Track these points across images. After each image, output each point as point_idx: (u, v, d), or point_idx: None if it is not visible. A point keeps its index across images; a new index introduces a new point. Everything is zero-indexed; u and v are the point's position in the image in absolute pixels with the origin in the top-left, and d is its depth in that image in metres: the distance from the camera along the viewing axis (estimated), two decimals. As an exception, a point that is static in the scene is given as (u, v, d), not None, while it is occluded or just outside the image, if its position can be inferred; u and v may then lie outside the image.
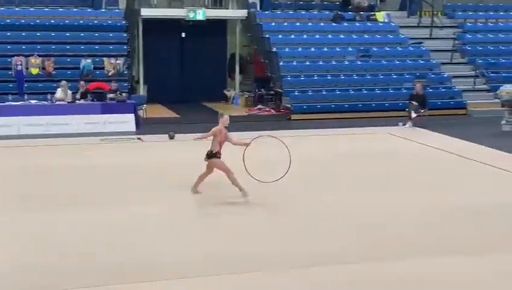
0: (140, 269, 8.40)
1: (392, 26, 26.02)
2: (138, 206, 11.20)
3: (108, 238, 9.63)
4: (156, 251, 9.10)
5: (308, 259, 8.81)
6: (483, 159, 15.23)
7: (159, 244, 9.41)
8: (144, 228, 10.06)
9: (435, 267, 8.49)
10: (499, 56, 25.48)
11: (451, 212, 11.07)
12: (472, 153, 15.94)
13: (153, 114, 21.59)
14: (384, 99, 22.55)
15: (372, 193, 12.26)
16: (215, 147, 11.36)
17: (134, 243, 9.36)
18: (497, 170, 14.23)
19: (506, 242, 9.63)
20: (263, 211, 11.21)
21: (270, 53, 23.77)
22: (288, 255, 8.95)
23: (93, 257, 8.78)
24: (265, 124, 20.51)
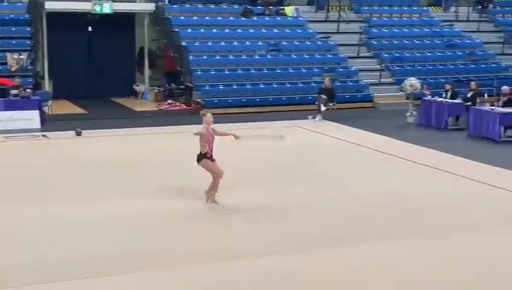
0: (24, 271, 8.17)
1: (300, 21, 26.29)
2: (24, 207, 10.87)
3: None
4: (40, 251, 8.88)
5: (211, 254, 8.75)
6: (389, 150, 15.64)
7: (43, 245, 9.16)
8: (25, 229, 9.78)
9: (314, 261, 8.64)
10: (403, 50, 26.17)
11: (350, 202, 11.31)
12: (378, 144, 16.35)
13: (59, 110, 20.98)
14: (294, 93, 22.77)
15: (271, 185, 12.34)
16: (203, 148, 10.96)
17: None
18: (401, 160, 14.63)
19: (398, 231, 9.88)
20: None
21: (180, 47, 23.56)
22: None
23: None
24: (175, 119, 20.38)
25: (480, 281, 8.09)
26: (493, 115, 17.15)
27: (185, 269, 8.30)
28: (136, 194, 11.67)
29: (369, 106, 23.00)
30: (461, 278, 8.13)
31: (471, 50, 26.82)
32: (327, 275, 8.16)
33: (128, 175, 13.20)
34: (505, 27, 28.70)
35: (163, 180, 12.77)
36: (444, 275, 8.21)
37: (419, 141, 16.67)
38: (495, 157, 14.75)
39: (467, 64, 26.00)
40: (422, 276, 8.15)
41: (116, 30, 25.02)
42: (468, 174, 13.25)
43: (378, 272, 8.30)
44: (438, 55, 26.23)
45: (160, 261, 8.59)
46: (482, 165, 14.20)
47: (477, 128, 17.60)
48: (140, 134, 17.80)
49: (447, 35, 27.42)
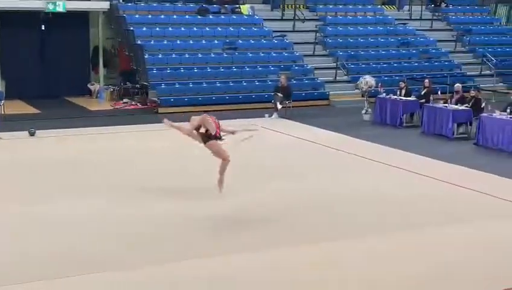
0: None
1: (256, 19, 26.33)
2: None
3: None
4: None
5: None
6: (344, 147, 15.77)
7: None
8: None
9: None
10: (358, 48, 26.43)
11: (306, 200, 11.34)
12: (334, 141, 16.48)
13: (11, 110, 20.62)
14: (251, 92, 22.80)
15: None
16: (212, 130, 10.56)
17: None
18: (356, 157, 14.77)
19: (351, 230, 9.99)
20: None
21: (135, 46, 23.37)
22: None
23: None
24: (131, 118, 20.25)
25: (431, 274, 8.23)
26: (446, 112, 17.42)
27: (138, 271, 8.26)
28: (88, 194, 11.55)
29: (324, 104, 23.16)
30: (412, 272, 8.27)
31: (425, 48, 27.22)
32: (279, 274, 8.19)
33: (82, 175, 13.04)
34: (457, 25, 29.20)
35: (118, 179, 12.67)
36: (396, 270, 8.34)
37: (374, 138, 16.85)
38: (448, 154, 15.00)
39: (421, 62, 26.38)
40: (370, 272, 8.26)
41: (70, 29, 24.68)
42: (421, 170, 13.44)
43: (326, 271, 8.38)
44: (392, 53, 26.56)
45: (113, 263, 8.52)
46: (434, 161, 14.43)
47: (430, 125, 17.86)
48: (95, 134, 17.61)
49: (401, 34, 27.78)
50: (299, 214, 10.63)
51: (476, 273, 8.30)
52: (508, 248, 9.23)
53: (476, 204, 11.35)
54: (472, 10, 31.05)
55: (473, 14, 30.81)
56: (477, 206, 11.25)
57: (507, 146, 15.51)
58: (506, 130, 15.57)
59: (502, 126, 15.73)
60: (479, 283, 8.01)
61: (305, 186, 12.24)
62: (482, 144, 16.16)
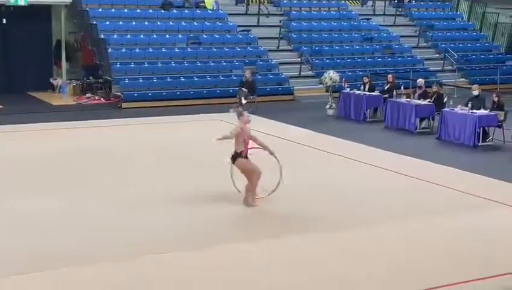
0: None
1: (220, 14, 26.26)
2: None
3: None
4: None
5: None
6: (308, 142, 15.84)
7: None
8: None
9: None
10: (322, 43, 26.54)
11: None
12: (298, 136, 16.55)
13: (-28, 105, 20.32)
14: (215, 86, 22.75)
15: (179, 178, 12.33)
16: (239, 147, 10.50)
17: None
18: (320, 152, 14.85)
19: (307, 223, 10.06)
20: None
21: (98, 40, 23.13)
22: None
23: None
24: (94, 113, 20.06)
25: (393, 268, 8.33)
26: (409, 107, 17.61)
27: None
28: (48, 192, 11.45)
29: (289, 99, 23.22)
30: (376, 268, 8.36)
31: (388, 44, 27.47)
32: (218, 272, 8.21)
33: (43, 171, 12.89)
34: (419, 21, 29.51)
35: (80, 176, 12.55)
36: (345, 268, 8.42)
37: (338, 133, 16.96)
38: (410, 148, 15.17)
39: (384, 58, 26.62)
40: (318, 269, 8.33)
41: (32, 23, 24.33)
42: (383, 164, 13.58)
43: (293, 266, 8.42)
44: (356, 49, 26.73)
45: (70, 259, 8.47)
46: (397, 155, 14.57)
47: (394, 120, 18.04)
48: (58, 129, 17.40)
49: (365, 29, 27.97)
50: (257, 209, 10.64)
51: (438, 266, 8.42)
52: (468, 240, 9.38)
53: (438, 197, 11.50)
54: (434, 6, 31.42)
55: (435, 10, 31.18)
56: (439, 199, 11.40)
57: (468, 140, 15.75)
58: (468, 125, 15.81)
59: (463, 121, 15.95)
60: (439, 276, 8.13)
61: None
62: (444, 138, 16.38)
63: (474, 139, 15.67)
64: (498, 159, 14.67)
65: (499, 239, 9.43)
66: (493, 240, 9.36)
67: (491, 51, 29.57)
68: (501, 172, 13.06)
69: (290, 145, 15.71)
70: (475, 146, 15.63)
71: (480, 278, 7.94)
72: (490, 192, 11.60)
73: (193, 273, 8.04)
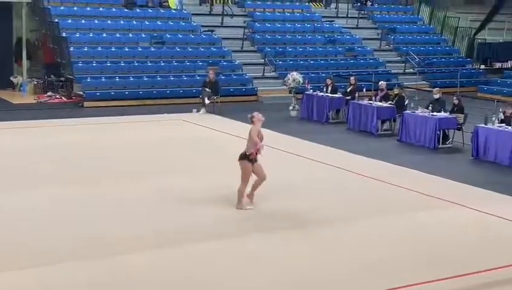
0: None
1: (184, 14, 26.18)
2: None
3: None
4: None
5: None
6: (270, 142, 15.70)
7: None
8: None
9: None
10: (285, 45, 26.64)
11: (220, 193, 11.34)
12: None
13: None
14: (179, 86, 22.66)
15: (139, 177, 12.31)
16: (249, 149, 10.41)
17: None
18: (282, 153, 14.86)
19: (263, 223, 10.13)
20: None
21: (60, 38, 22.87)
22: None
23: None
24: (56, 112, 19.81)
25: (355, 268, 8.40)
26: (371, 109, 17.77)
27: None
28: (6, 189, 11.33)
29: (253, 100, 23.24)
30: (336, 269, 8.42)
31: (351, 46, 27.68)
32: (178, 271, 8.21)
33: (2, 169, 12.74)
34: (382, 24, 29.82)
35: (36, 174, 12.43)
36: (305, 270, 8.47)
37: (301, 134, 17.04)
38: (372, 150, 15.32)
39: (347, 60, 26.83)
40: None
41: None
42: (345, 166, 13.67)
43: (247, 265, 8.44)
44: (319, 51, 26.90)
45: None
46: (358, 157, 14.70)
47: (356, 122, 18.19)
48: (17, 127, 17.15)
49: (328, 31, 28.16)
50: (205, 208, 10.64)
51: (397, 267, 8.52)
52: (427, 240, 9.51)
53: (399, 199, 11.63)
54: (396, 9, 31.78)
55: (397, 13, 31.53)
56: (400, 200, 11.53)
57: (428, 142, 15.96)
58: (428, 127, 16.02)
59: (424, 123, 16.16)
60: (400, 276, 8.23)
61: (225, 180, 12.27)
62: (405, 140, 16.57)
63: (434, 141, 15.89)
64: (457, 161, 14.90)
65: (454, 239, 9.59)
66: (448, 240, 9.51)
67: (452, 54, 30.03)
68: (460, 174, 13.27)
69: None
70: (435, 148, 15.85)
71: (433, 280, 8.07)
72: (448, 193, 11.77)
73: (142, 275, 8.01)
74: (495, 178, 13.27)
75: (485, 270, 8.36)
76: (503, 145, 14.46)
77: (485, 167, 14.25)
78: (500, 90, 25.23)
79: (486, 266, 8.45)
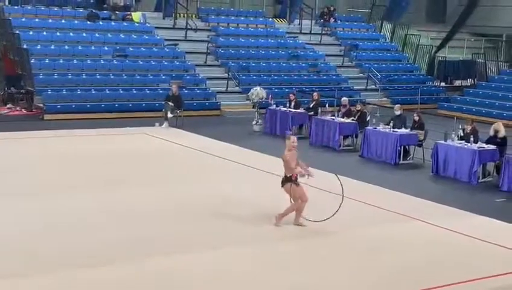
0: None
1: (147, 27, 26.10)
2: None
3: None
4: None
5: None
6: (232, 156, 15.86)
7: None
8: None
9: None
10: (249, 60, 26.71)
11: (178, 207, 11.39)
12: (223, 151, 16.54)
13: None
14: (141, 100, 22.54)
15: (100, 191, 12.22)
16: (289, 171, 10.51)
17: None
18: (244, 167, 14.86)
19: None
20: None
21: (21, 50, 22.60)
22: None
23: None
24: (16, 124, 19.53)
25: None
26: (333, 125, 17.88)
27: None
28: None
29: (216, 114, 23.23)
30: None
31: (314, 62, 27.89)
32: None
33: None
34: (344, 40, 30.09)
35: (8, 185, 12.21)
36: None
37: (262, 148, 17.01)
38: (334, 165, 15.32)
39: (310, 76, 27.00)
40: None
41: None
42: (305, 180, 13.60)
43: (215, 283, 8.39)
44: (283, 66, 27.03)
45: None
46: (319, 172, 14.68)
47: (318, 137, 18.28)
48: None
49: (291, 47, 28.33)
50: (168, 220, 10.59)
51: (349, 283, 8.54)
52: (384, 255, 9.55)
53: (358, 213, 11.66)
54: (359, 26, 32.11)
55: (359, 30, 31.87)
56: (359, 215, 11.56)
57: (390, 158, 16.09)
58: (390, 143, 16.16)
59: (385, 139, 16.30)
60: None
61: (184, 193, 12.23)
62: (367, 156, 16.69)
63: (395, 157, 16.03)
64: (417, 177, 15.03)
65: (411, 253, 9.67)
66: (405, 255, 9.58)
67: (413, 71, 30.43)
68: (419, 189, 13.39)
69: (213, 159, 15.69)
70: (396, 164, 15.99)
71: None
72: (407, 208, 11.86)
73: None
74: (454, 194, 13.43)
75: (440, 286, 8.41)
76: (462, 161, 14.65)
77: (444, 183, 14.41)
78: (459, 107, 25.61)
79: (440, 282, 8.51)
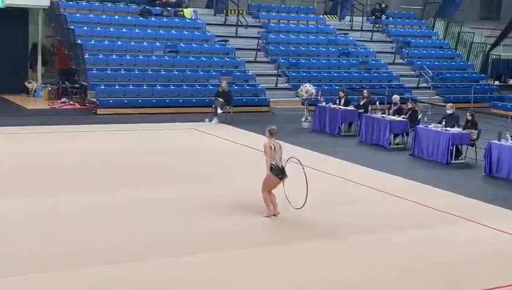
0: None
1: (199, 23, 26.28)
2: None
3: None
4: None
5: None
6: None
7: None
8: None
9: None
10: (299, 56, 26.66)
11: (218, 203, 11.36)
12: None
13: None
14: (192, 95, 22.73)
15: (155, 187, 12.30)
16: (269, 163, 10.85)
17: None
18: (290, 164, 14.79)
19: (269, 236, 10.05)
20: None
21: (75, 45, 23.00)
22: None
23: None
24: (69, 118, 19.93)
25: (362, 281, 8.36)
26: (384, 123, 17.71)
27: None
28: (23, 194, 11.34)
29: (265, 110, 23.27)
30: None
31: (365, 59, 27.66)
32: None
33: (15, 174, 12.77)
34: (396, 38, 29.78)
35: (49, 179, 12.47)
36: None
37: (311, 145, 16.98)
38: (384, 164, 15.24)
39: (360, 73, 26.80)
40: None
41: (9, 25, 24.17)
42: (356, 179, 13.61)
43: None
44: (333, 63, 26.90)
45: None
46: (370, 170, 14.63)
47: (368, 135, 18.14)
48: (31, 133, 17.24)
49: (342, 44, 28.16)
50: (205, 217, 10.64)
51: (408, 282, 8.47)
52: (436, 255, 9.44)
53: (409, 213, 11.55)
54: (411, 23, 31.73)
55: (412, 27, 31.49)
56: (410, 215, 11.45)
57: (441, 158, 15.87)
58: (441, 142, 15.94)
59: (436, 138, 16.08)
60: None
61: (233, 189, 12.28)
62: (417, 155, 16.49)
63: (447, 156, 15.80)
64: (470, 177, 14.80)
65: (462, 255, 9.53)
66: (457, 256, 9.45)
67: (466, 69, 29.93)
68: (471, 190, 13.17)
69: (261, 156, 15.67)
70: (448, 163, 15.76)
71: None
72: (459, 209, 11.68)
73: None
74: (507, 195, 13.16)
75: (494, 288, 8.29)
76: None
77: (497, 184, 14.14)
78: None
79: (495, 284, 8.38)
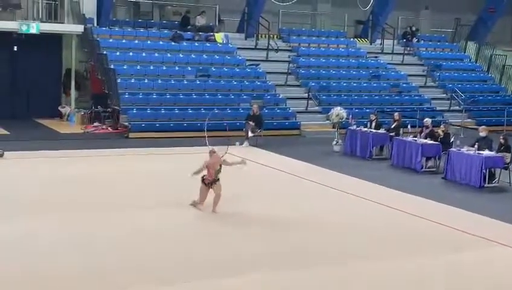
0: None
1: (230, 48, 26.47)
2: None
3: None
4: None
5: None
6: (312, 177, 15.82)
7: None
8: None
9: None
10: (329, 79, 26.68)
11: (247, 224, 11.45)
12: (303, 171, 16.54)
13: (-20, 131, 20.39)
14: (222, 119, 22.79)
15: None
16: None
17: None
18: (324, 187, 14.79)
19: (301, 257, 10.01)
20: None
21: (108, 70, 23.32)
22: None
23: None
24: (101, 142, 20.11)
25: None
26: (415, 146, 17.58)
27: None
28: (60, 212, 11.46)
29: (296, 134, 23.27)
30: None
31: (396, 82, 27.59)
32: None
33: (50, 196, 12.93)
34: (427, 60, 29.66)
35: (82, 201, 12.57)
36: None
37: (343, 169, 16.93)
38: (416, 188, 15.11)
39: (391, 96, 26.72)
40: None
41: (43, 50, 24.61)
42: (388, 203, 13.51)
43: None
44: (364, 86, 26.86)
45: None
46: (402, 194, 14.52)
47: (400, 158, 18.01)
48: (64, 157, 17.45)
49: (372, 67, 28.14)
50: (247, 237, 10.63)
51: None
52: (469, 280, 9.31)
53: (442, 237, 11.42)
54: (443, 46, 31.60)
55: (443, 50, 31.35)
56: (443, 239, 11.32)
57: (474, 181, 15.68)
58: (474, 166, 15.76)
59: (469, 161, 15.91)
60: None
61: (269, 211, 12.26)
62: (450, 178, 16.32)
63: (480, 180, 15.60)
64: (503, 200, 14.59)
65: (497, 279, 9.37)
66: (491, 281, 9.29)
67: (498, 92, 29.67)
68: (506, 214, 12.97)
69: (293, 179, 15.70)
70: (481, 187, 15.56)
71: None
72: (493, 233, 11.51)
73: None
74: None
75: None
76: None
77: (532, 208, 13.93)
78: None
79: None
